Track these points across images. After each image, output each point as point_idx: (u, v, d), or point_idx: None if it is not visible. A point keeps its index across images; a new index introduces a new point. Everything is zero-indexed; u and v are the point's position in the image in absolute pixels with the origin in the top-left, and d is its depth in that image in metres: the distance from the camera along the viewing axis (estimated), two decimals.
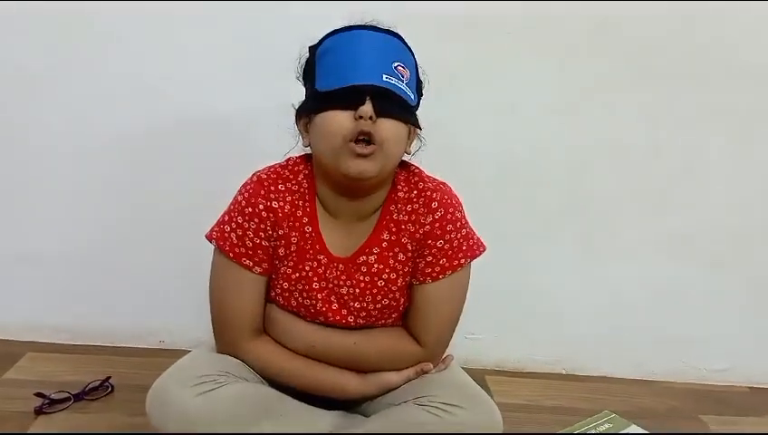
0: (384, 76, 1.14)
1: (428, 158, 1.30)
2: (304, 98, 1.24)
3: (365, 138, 1.14)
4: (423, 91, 1.27)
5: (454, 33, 1.70)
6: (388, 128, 1.15)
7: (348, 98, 1.14)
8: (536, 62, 1.75)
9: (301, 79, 1.26)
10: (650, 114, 1.81)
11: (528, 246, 1.87)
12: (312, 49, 1.23)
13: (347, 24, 1.20)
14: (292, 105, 1.25)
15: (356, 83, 1.13)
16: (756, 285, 1.93)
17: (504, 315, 1.89)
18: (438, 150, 1.32)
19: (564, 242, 1.88)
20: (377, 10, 1.23)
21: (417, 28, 1.23)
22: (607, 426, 1.63)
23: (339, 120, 1.14)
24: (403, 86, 1.16)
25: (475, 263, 1.31)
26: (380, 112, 1.14)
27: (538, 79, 1.77)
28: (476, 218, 1.32)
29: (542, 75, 1.77)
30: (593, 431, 1.59)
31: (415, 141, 1.28)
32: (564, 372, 1.93)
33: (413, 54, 1.23)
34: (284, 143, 1.28)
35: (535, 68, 1.76)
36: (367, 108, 1.13)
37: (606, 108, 1.80)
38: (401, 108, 1.17)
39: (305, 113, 1.23)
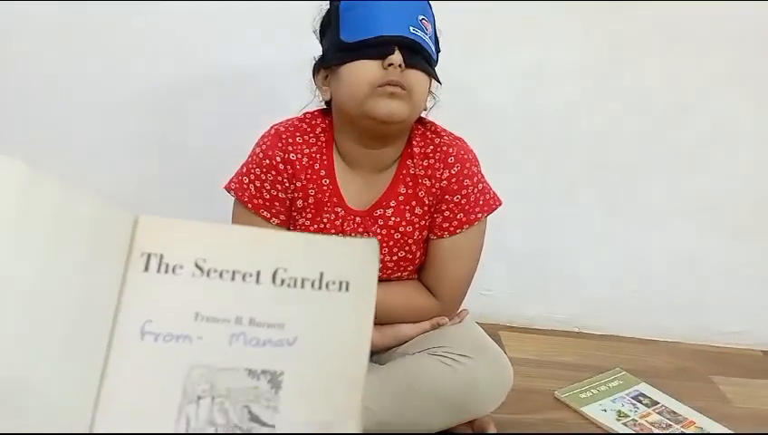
0: (411, 28, 1.15)
1: (453, 117, 1.31)
2: (323, 51, 1.24)
3: (394, 85, 1.15)
4: (440, 48, 1.26)
5: None
6: (416, 77, 1.17)
7: (376, 48, 1.14)
8: (564, 23, 1.73)
9: (318, 33, 1.26)
10: (679, 78, 1.79)
11: (550, 207, 1.87)
12: (333, 1, 1.22)
13: None
14: (313, 57, 1.25)
15: (385, 34, 1.14)
16: None
17: (521, 272, 1.91)
18: (463, 110, 1.32)
19: (586, 203, 1.88)
20: None
21: None
22: (617, 383, 1.65)
23: (367, 69, 1.15)
24: (427, 39, 1.18)
25: (495, 220, 1.32)
26: (408, 63, 1.15)
27: (565, 40, 1.75)
28: (500, 178, 1.34)
29: (570, 36, 1.75)
30: (603, 388, 1.62)
31: (430, 98, 1.28)
32: (577, 331, 1.95)
33: (432, 10, 1.23)
34: (305, 98, 1.30)
35: (563, 29, 1.74)
36: (397, 57, 1.13)
37: (633, 70, 1.78)
38: (426, 61, 1.18)
39: (326, 66, 1.23)
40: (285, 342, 0.52)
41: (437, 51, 1.25)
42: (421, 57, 1.17)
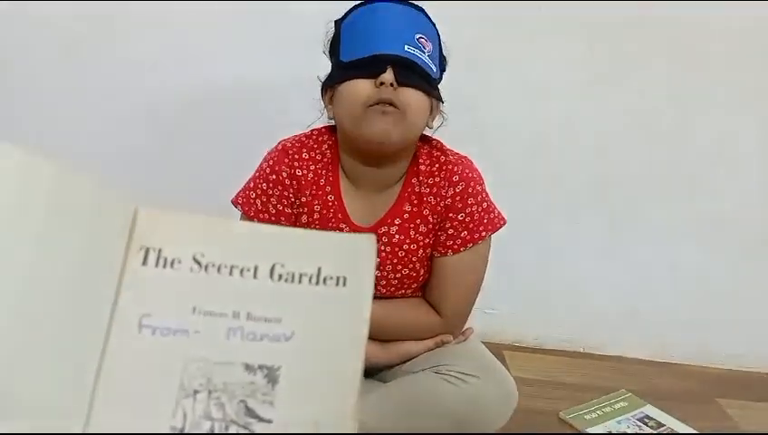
0: (406, 47, 1.15)
1: (456, 135, 1.31)
2: (330, 71, 1.26)
3: (386, 103, 1.15)
4: (446, 67, 1.28)
5: (483, 11, 1.69)
6: (411, 96, 1.17)
7: (370, 66, 1.15)
8: (566, 41, 1.75)
9: (327, 53, 1.27)
10: (682, 95, 1.80)
11: (553, 225, 1.88)
12: (338, 23, 1.24)
13: None
14: (318, 78, 1.26)
15: (378, 53, 1.15)
16: None
17: (525, 292, 1.91)
18: (466, 128, 1.33)
19: (590, 222, 1.88)
20: None
21: (446, 5, 1.24)
22: (622, 404, 1.64)
23: (360, 88, 1.16)
24: (425, 58, 1.17)
25: (499, 238, 1.32)
26: (402, 82, 1.15)
27: (568, 58, 1.76)
28: (503, 195, 1.34)
29: (572, 54, 1.76)
30: (608, 409, 1.61)
31: (438, 118, 1.28)
32: (583, 351, 1.94)
33: (436, 29, 1.24)
34: (313, 115, 1.30)
35: (565, 47, 1.75)
36: (388, 75, 1.14)
37: (637, 87, 1.79)
38: (423, 79, 1.18)
39: (330, 86, 1.24)
40: (282, 336, 0.52)
41: (442, 69, 1.26)
42: (417, 75, 1.17)
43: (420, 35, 1.18)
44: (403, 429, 1.22)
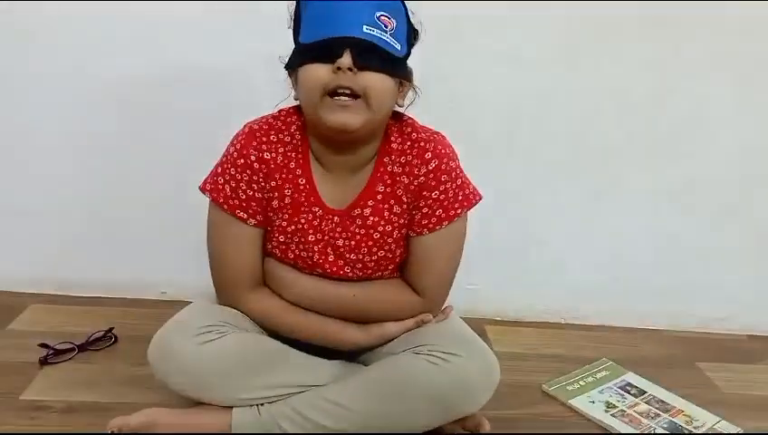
0: (365, 27, 1.11)
1: (431, 109, 1.28)
2: (291, 52, 1.21)
3: (345, 91, 1.12)
4: (417, 40, 1.24)
5: None
6: (372, 80, 1.13)
7: (327, 51, 1.12)
8: (541, 9, 1.71)
9: (292, 31, 1.23)
10: (656, 62, 1.78)
11: (531, 197, 1.86)
12: (298, 1, 1.20)
13: None
14: (279, 58, 1.22)
15: (335, 35, 1.11)
16: (758, 234, 1.93)
17: (505, 265, 1.90)
18: (441, 101, 1.30)
19: (567, 192, 1.87)
20: None
21: None
22: (604, 373, 1.65)
23: (318, 74, 1.13)
24: (387, 37, 1.13)
25: (477, 213, 1.30)
26: (362, 65, 1.12)
27: (543, 27, 1.74)
28: (480, 169, 1.32)
29: (547, 23, 1.73)
30: (590, 379, 1.61)
31: (410, 94, 1.25)
32: (564, 322, 1.95)
33: (403, 3, 1.19)
34: (280, 95, 1.26)
35: (540, 15, 1.72)
36: (345, 60, 1.10)
37: (611, 56, 1.77)
38: (384, 60, 1.14)
39: (289, 68, 1.21)
40: None
41: (411, 44, 1.22)
42: (378, 57, 1.13)
43: (382, 13, 1.13)
44: (386, 410, 1.20)
